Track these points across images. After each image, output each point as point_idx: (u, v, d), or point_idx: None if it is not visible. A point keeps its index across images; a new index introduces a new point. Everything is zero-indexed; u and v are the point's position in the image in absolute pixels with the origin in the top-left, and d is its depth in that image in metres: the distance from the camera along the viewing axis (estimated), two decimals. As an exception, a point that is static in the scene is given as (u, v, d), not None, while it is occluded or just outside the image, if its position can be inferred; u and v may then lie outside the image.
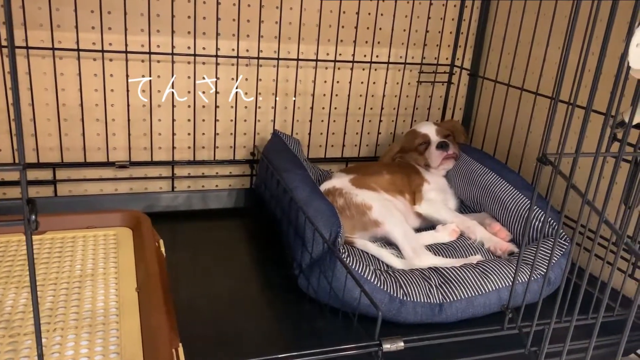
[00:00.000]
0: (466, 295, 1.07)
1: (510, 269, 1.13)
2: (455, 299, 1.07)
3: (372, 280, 1.04)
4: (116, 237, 1.24)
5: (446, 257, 1.27)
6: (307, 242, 1.12)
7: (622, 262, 1.10)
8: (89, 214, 1.25)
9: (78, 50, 1.35)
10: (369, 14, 1.59)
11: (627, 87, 0.77)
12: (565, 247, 1.17)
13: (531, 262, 1.16)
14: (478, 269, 1.13)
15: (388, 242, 1.30)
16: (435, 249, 1.30)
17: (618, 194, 0.90)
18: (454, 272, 1.11)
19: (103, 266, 1.10)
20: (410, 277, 1.09)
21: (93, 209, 1.47)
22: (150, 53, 1.41)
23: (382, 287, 1.04)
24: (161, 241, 1.27)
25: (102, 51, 1.37)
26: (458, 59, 1.72)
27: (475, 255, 1.26)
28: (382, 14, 1.61)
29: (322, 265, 1.07)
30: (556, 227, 1.21)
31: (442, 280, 1.10)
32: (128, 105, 1.44)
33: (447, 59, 1.74)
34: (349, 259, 1.06)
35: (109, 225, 1.27)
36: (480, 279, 1.10)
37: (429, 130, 1.52)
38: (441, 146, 1.48)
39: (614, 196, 0.81)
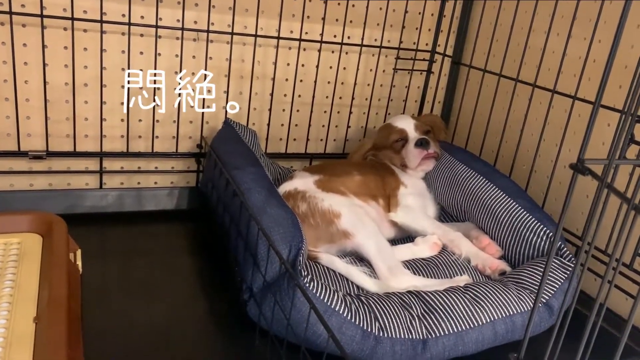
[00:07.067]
0: (455, 329, 0.88)
1: (506, 295, 0.94)
2: (441, 333, 0.87)
3: (341, 312, 0.83)
4: (20, 246, 1.02)
5: (427, 276, 1.08)
6: (259, 260, 0.90)
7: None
8: (-13, 216, 1.03)
9: (-23, 10, 1.08)
10: (341, -13, 1.38)
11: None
12: (570, 269, 0.99)
13: (530, 287, 0.96)
14: (467, 294, 0.93)
15: (359, 257, 1.09)
16: (414, 265, 1.11)
17: None
18: (439, 299, 0.91)
19: (-5, 287, 0.88)
20: (387, 305, 0.89)
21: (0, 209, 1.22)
22: (73, 19, 1.16)
23: (353, 319, 0.84)
24: (79, 252, 1.06)
25: (10, 13, 1.10)
26: (440, 45, 1.53)
27: (461, 275, 1.08)
28: (355, -11, 1.40)
29: (278, 292, 0.85)
30: (555, 239, 1.02)
31: (425, 308, 0.90)
32: (45, 82, 1.19)
33: (427, 44, 1.54)
34: (312, 282, 0.84)
35: (13, 230, 1.08)
36: (471, 308, 0.91)
37: (407, 125, 1.32)
38: (420, 144, 1.28)
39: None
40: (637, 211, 0.49)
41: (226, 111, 1.36)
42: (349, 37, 1.44)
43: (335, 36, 1.42)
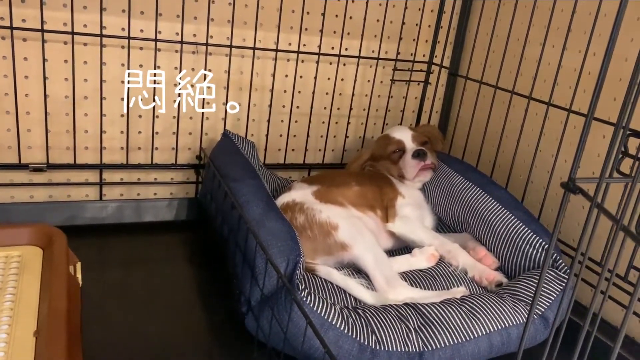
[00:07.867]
0: (451, 342, 0.89)
1: (502, 307, 0.95)
2: (438, 346, 0.88)
3: (337, 325, 0.84)
4: (20, 259, 1.02)
5: (424, 287, 1.08)
6: (257, 273, 0.90)
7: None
8: (-13, 228, 1.03)
9: (-21, 25, 1.09)
10: (339, -1, 1.39)
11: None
12: (565, 280, 0.99)
13: (526, 299, 0.97)
14: (464, 306, 0.94)
15: (356, 269, 1.09)
16: (411, 276, 1.11)
17: None
18: (435, 311, 0.92)
19: (-5, 300, 0.88)
20: (384, 318, 0.89)
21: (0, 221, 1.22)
22: (73, 33, 1.17)
23: (350, 332, 0.84)
24: (79, 264, 1.06)
25: (11, 28, 1.11)
26: (437, 56, 1.54)
27: (458, 287, 1.08)
28: (353, 1, 1.41)
29: (275, 305, 0.86)
30: (548, 253, 1.03)
31: (421, 321, 0.91)
32: (46, 95, 1.20)
33: (424, 55, 1.55)
34: (309, 296, 0.84)
35: (13, 243, 1.08)
36: (468, 321, 0.91)
37: (404, 135, 1.33)
38: (418, 155, 1.29)
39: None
40: (625, 232, 0.50)
41: (225, 122, 1.37)
42: (346, 49, 1.45)
43: (333, 48, 1.44)
